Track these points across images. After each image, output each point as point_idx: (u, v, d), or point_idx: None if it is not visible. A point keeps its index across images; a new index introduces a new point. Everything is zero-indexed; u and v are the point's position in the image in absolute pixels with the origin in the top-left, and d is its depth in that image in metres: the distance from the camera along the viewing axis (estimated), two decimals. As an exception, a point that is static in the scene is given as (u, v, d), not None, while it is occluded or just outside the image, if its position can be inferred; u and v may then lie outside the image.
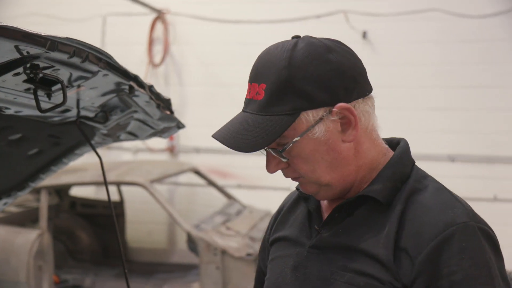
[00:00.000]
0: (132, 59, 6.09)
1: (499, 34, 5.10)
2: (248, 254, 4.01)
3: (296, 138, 1.14)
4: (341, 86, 1.13)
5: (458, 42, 5.22)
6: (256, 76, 1.16)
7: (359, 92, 1.16)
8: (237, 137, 1.15)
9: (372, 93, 1.21)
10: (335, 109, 1.13)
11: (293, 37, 1.19)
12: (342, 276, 1.15)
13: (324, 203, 1.30)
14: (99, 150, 1.82)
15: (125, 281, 1.63)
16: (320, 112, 1.13)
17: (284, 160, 1.17)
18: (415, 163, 1.25)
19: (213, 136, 1.19)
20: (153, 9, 5.86)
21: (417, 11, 5.24)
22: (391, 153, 1.25)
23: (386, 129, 1.44)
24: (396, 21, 5.31)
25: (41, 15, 6.17)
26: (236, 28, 5.72)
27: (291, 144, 1.14)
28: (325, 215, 1.27)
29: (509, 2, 5.03)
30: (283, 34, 1.49)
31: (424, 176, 1.22)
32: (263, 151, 1.20)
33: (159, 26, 5.99)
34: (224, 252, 4.05)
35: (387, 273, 1.11)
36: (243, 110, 1.19)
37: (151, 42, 6.00)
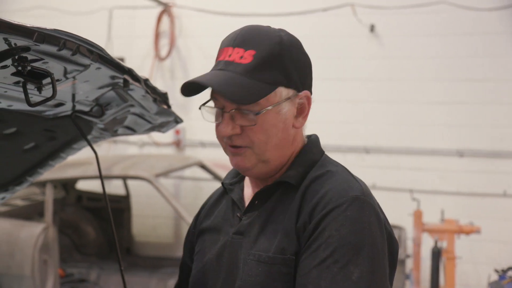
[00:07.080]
0: (138, 52, 6.06)
1: (505, 27, 5.02)
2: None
3: (269, 107, 1.24)
4: (308, 77, 1.33)
5: (466, 35, 5.14)
6: (243, 42, 1.26)
7: (310, 87, 1.34)
8: (228, 86, 1.20)
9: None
10: (301, 94, 1.29)
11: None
12: (254, 256, 1.26)
13: (246, 193, 1.40)
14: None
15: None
16: (290, 92, 1.27)
17: (251, 124, 1.24)
18: (325, 153, 1.38)
19: (193, 81, 1.23)
20: (159, 2, 5.82)
21: (424, 4, 5.17)
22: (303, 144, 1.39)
23: (393, 122, 1.43)
24: (404, 14, 5.24)
25: (46, 8, 6.15)
26: (243, 21, 5.63)
27: (268, 108, 1.24)
28: (247, 203, 1.36)
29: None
30: (290, 27, 1.47)
31: (331, 162, 1.35)
32: (211, 118, 1.31)
33: (165, 19, 5.96)
34: (228, 247, 4.01)
35: (290, 243, 1.22)
36: (220, 69, 1.25)
37: (157, 36, 5.96)
